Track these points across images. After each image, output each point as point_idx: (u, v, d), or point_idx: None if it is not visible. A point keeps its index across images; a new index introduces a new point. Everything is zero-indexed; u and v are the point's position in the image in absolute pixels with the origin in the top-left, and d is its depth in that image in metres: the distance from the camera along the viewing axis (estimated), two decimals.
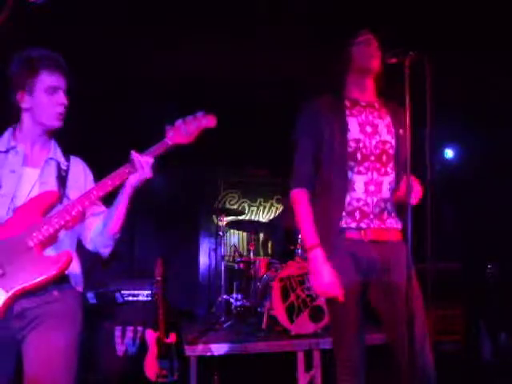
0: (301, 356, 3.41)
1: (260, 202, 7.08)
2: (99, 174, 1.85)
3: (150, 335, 3.69)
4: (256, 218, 6.92)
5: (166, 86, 4.78)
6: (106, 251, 1.82)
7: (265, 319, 3.90)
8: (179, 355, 3.65)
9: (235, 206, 6.84)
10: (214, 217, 6.27)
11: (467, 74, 4.51)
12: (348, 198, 1.94)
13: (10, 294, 1.53)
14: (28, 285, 1.55)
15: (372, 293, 1.97)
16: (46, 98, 1.72)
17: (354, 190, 1.94)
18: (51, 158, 1.79)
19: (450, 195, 5.82)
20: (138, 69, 4.52)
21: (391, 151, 1.99)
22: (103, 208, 1.86)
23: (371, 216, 1.94)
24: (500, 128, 5.17)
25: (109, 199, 1.82)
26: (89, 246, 1.83)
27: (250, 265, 4.69)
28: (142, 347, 3.78)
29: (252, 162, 6.36)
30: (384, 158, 1.98)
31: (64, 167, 1.81)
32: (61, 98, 1.74)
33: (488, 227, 5.31)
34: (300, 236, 4.42)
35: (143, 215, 5.93)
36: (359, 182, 1.94)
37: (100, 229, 1.80)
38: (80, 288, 1.75)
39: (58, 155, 1.84)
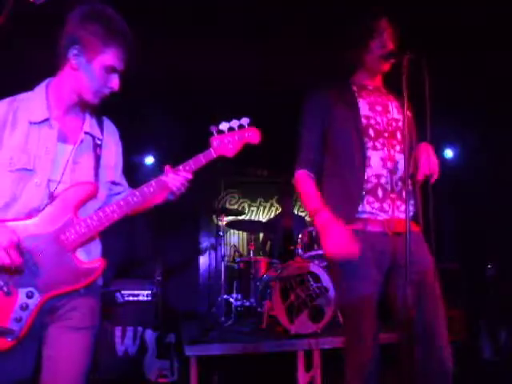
0: (301, 356, 3.41)
1: (260, 202, 7.08)
2: None
3: (150, 335, 3.70)
4: (256, 218, 6.92)
5: (168, 87, 4.78)
6: None
7: (265, 319, 3.90)
8: (179, 355, 3.65)
9: (235, 206, 6.84)
10: (213, 217, 6.26)
11: (467, 74, 4.51)
12: (366, 175, 1.88)
13: (44, 297, 1.52)
14: (63, 291, 1.55)
15: (390, 288, 1.91)
16: (100, 74, 1.57)
17: (371, 165, 1.89)
18: (86, 133, 1.65)
19: (449, 195, 5.82)
20: (139, 69, 4.52)
21: (403, 129, 1.93)
22: (126, 187, 1.83)
23: (392, 196, 1.89)
24: (500, 128, 5.17)
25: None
26: None
27: (250, 265, 4.69)
28: (142, 347, 3.78)
29: (252, 162, 6.36)
30: (398, 134, 1.96)
31: (99, 142, 1.68)
32: (115, 81, 1.60)
33: (488, 227, 5.31)
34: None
35: (143, 215, 5.92)
36: (375, 157, 1.90)
37: None
38: (100, 281, 1.72)
39: (94, 127, 1.69)
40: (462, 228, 5.84)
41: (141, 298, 4.16)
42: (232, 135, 1.72)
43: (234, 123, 1.72)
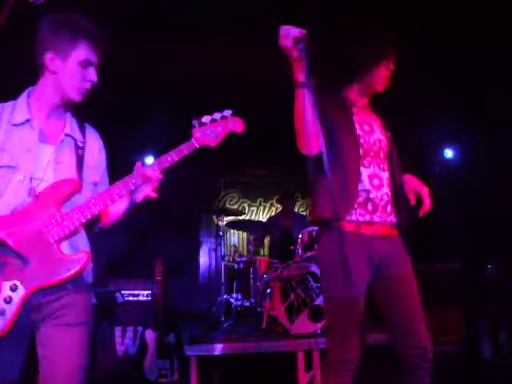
0: (301, 356, 3.41)
1: (260, 202, 7.09)
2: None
3: (150, 335, 3.70)
4: (256, 218, 6.93)
5: (167, 87, 4.78)
6: (96, 230, 1.85)
7: (265, 319, 3.90)
8: (179, 355, 3.65)
9: (235, 206, 6.85)
10: (214, 217, 6.27)
11: (467, 74, 4.51)
12: (358, 188, 2.02)
13: (29, 290, 1.53)
14: (47, 283, 1.55)
15: (378, 285, 2.05)
16: (77, 70, 1.65)
17: (361, 180, 2.03)
18: (67, 135, 1.71)
19: (449, 195, 5.81)
20: (137, 71, 4.53)
21: (386, 149, 2.12)
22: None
23: (380, 208, 2.04)
24: (500, 127, 5.17)
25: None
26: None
27: (250, 265, 4.69)
28: (142, 347, 3.78)
29: (252, 162, 6.37)
30: (381, 154, 2.10)
31: (81, 144, 1.73)
32: (92, 74, 1.68)
33: (488, 227, 5.31)
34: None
35: (143, 215, 5.93)
36: (364, 174, 2.04)
37: (109, 221, 1.83)
38: (90, 279, 1.72)
39: (75, 130, 1.75)
40: (462, 228, 5.84)
41: (141, 298, 4.16)
42: (215, 126, 1.75)
43: (217, 115, 1.76)
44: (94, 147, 1.79)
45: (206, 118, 1.74)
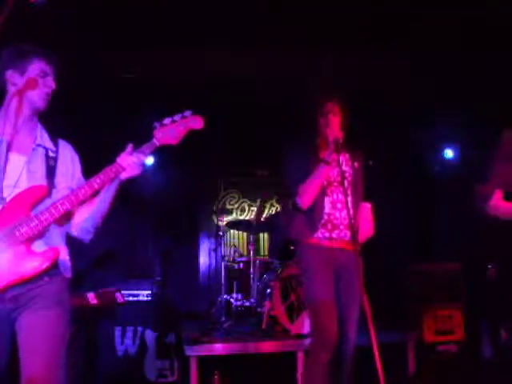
0: (301, 356, 3.41)
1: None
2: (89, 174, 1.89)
3: (150, 335, 3.70)
4: None
5: (166, 86, 4.78)
6: (87, 238, 1.94)
7: (265, 319, 3.90)
8: (179, 355, 3.65)
9: (235, 206, 6.84)
10: (213, 217, 6.27)
11: (467, 74, 4.51)
12: (321, 213, 2.55)
13: (1, 286, 1.62)
14: (18, 279, 1.65)
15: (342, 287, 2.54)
16: (36, 79, 1.78)
17: (324, 206, 2.57)
18: (39, 145, 1.81)
19: (449, 195, 5.81)
20: (134, 69, 4.53)
21: (349, 178, 2.62)
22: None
23: (341, 227, 2.55)
24: (500, 127, 5.16)
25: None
26: (73, 232, 1.93)
27: (249, 265, 4.69)
28: (142, 347, 3.78)
29: (252, 162, 6.36)
30: (345, 183, 2.54)
31: (52, 154, 1.84)
32: (50, 81, 1.81)
33: (488, 227, 5.30)
34: None
35: (143, 215, 5.93)
36: (327, 200, 2.58)
37: (85, 218, 1.90)
38: (68, 274, 1.82)
39: (46, 141, 1.85)
40: (462, 228, 5.83)
41: (141, 298, 4.16)
42: (175, 126, 1.87)
43: (177, 117, 1.88)
44: (67, 157, 1.90)
45: (167, 120, 1.87)
